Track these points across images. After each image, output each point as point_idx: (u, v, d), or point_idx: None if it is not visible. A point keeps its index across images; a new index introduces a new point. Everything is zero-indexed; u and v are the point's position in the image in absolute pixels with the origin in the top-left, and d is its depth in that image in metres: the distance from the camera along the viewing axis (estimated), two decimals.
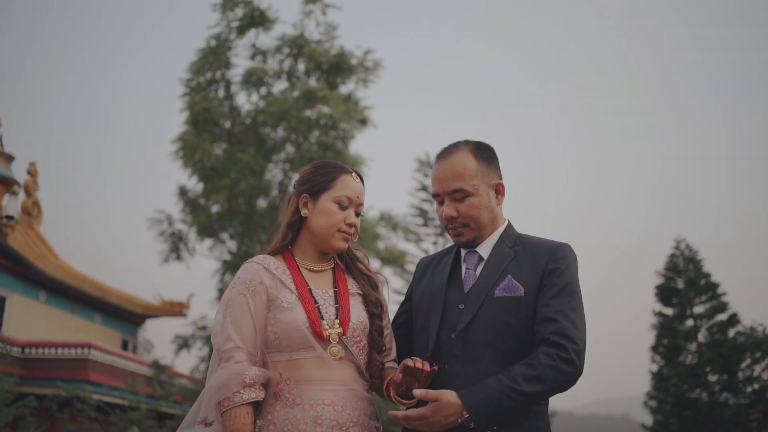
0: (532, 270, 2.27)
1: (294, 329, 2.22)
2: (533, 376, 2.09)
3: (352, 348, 2.27)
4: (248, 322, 2.23)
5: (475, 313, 2.24)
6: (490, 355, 2.20)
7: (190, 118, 16.76)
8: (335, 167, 2.42)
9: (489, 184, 2.35)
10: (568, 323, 2.15)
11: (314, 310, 2.26)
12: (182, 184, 17.59)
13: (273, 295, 2.27)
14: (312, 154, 16.71)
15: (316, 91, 16.22)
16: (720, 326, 20.14)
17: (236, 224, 17.60)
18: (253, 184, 16.27)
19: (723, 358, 19.33)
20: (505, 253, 2.33)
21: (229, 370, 2.16)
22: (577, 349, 2.12)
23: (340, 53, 17.45)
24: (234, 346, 2.20)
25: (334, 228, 2.34)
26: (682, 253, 21.46)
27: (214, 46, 17.31)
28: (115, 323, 18.37)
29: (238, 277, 2.31)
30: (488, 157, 2.39)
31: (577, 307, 2.20)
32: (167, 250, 17.68)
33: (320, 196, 2.36)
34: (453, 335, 2.25)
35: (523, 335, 2.21)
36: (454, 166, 2.34)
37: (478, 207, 2.32)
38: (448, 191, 2.33)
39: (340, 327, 2.26)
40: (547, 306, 2.19)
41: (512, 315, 2.22)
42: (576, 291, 2.24)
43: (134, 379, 13.27)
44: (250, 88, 17.53)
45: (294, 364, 2.22)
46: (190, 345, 17.39)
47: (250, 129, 17.00)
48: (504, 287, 2.26)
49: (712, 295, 20.54)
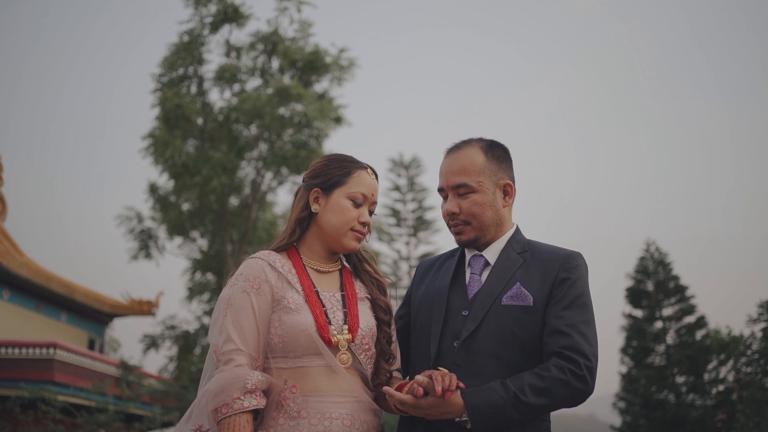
0: (541, 278, 2.16)
1: (301, 333, 2.05)
2: (542, 388, 1.99)
3: (360, 356, 2.12)
4: (251, 323, 2.05)
5: (480, 320, 2.12)
6: (494, 366, 2.08)
7: (161, 114, 16.51)
8: (351, 161, 2.26)
9: (496, 183, 2.23)
10: (581, 338, 2.05)
11: (322, 313, 2.10)
12: (153, 181, 17.32)
13: (278, 295, 2.10)
14: (285, 152, 16.61)
15: (290, 89, 16.10)
16: (688, 328, 20.41)
17: (207, 222, 17.39)
18: (225, 182, 16.09)
19: (690, 360, 19.59)
20: (513, 259, 2.21)
21: (229, 373, 1.99)
22: (589, 366, 2.02)
23: (315, 51, 17.33)
24: (234, 348, 2.03)
25: (347, 226, 2.18)
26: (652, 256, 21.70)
27: (186, 41, 17.09)
28: (81, 322, 18.05)
29: (241, 273, 2.13)
30: (500, 156, 2.27)
31: (590, 321, 2.10)
32: (136, 248, 17.37)
33: (333, 191, 2.20)
34: (456, 343, 2.13)
35: (529, 347, 2.11)
36: (460, 161, 2.23)
37: (482, 205, 2.20)
38: (452, 185, 2.22)
39: (349, 333, 2.11)
40: (559, 318, 2.09)
41: (519, 325, 2.11)
42: (588, 303, 2.14)
43: (101, 379, 13.02)
44: (223, 85, 17.35)
45: (298, 372, 2.05)
46: (159, 345, 17.11)
47: (222, 126, 16.82)
48: (512, 295, 2.14)
49: (681, 297, 20.81)
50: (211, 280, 17.84)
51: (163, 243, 17.54)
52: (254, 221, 17.36)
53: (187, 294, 17.66)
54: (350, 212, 2.19)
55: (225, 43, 17.54)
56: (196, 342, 16.94)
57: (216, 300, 17.49)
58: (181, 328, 17.01)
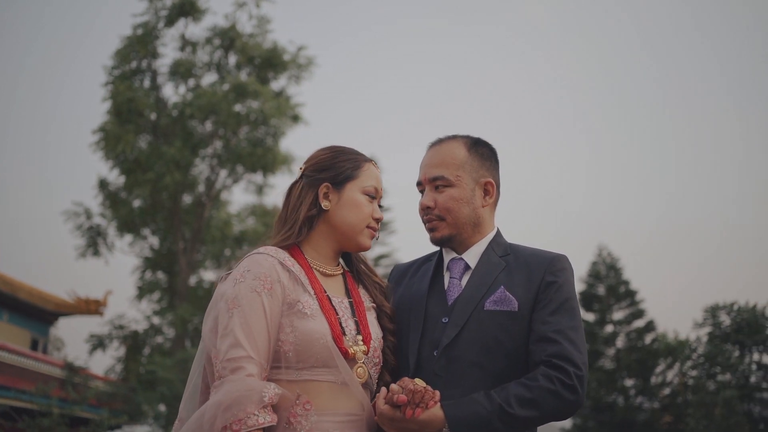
0: (526, 282, 2.05)
1: (316, 342, 1.84)
2: (529, 399, 1.88)
3: (371, 370, 1.95)
4: (262, 328, 1.82)
5: (461, 327, 2.00)
6: (477, 375, 1.97)
7: (113, 108, 16.20)
8: (357, 153, 2.10)
9: (477, 180, 2.13)
10: (570, 345, 1.95)
11: (336, 322, 1.90)
12: (103, 177, 16.96)
13: (291, 298, 1.88)
14: (241, 150, 16.49)
15: (246, 86, 16.02)
16: (638, 332, 20.78)
17: (159, 220, 17.14)
18: (178, 178, 15.87)
19: (639, 364, 19.97)
20: (495, 263, 2.10)
21: (242, 384, 1.74)
22: (579, 375, 1.92)
23: (273, 48, 17.22)
24: (245, 355, 1.78)
25: (364, 223, 2.02)
26: (604, 261, 22.03)
27: (140, 34, 16.79)
28: (24, 321, 17.52)
29: (248, 269, 1.89)
30: (484, 154, 2.17)
31: (578, 327, 2.01)
32: (84, 245, 17.01)
33: (345, 185, 2.03)
34: (435, 352, 2.00)
35: (514, 354, 2.00)
36: (441, 154, 2.14)
37: (458, 200, 2.09)
38: (429, 178, 2.12)
39: (364, 344, 1.93)
40: (545, 324, 1.98)
41: (504, 331, 2.00)
42: (575, 308, 2.04)
43: (45, 382, 12.58)
44: (177, 80, 17.10)
45: (305, 386, 1.84)
46: (106, 345, 16.70)
47: (176, 122, 16.59)
48: (496, 300, 2.03)
49: (631, 301, 21.18)
50: (162, 279, 17.53)
51: (113, 240, 17.24)
52: (208, 220, 17.14)
53: (137, 293, 17.34)
54: (366, 207, 2.03)
55: (180, 37, 17.28)
56: (146, 342, 16.63)
57: (166, 299, 17.29)
58: (129, 327, 16.69)
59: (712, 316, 19.36)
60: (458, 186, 2.10)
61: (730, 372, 18.40)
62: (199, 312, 16.46)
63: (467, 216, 2.11)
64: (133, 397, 13.65)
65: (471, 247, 2.14)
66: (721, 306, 19.18)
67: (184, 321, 15.67)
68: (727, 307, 19.10)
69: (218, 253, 17.46)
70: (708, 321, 19.10)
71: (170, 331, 16.78)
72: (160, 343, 16.77)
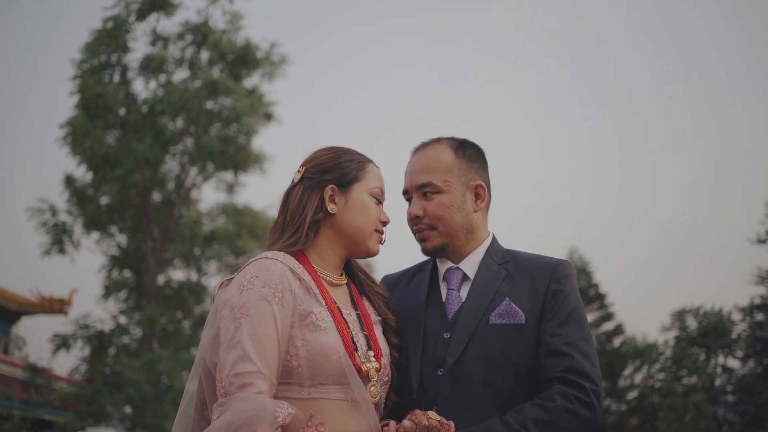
0: (530, 292, 1.94)
1: (329, 358, 1.70)
2: (547, 421, 1.77)
3: (381, 389, 1.82)
4: (272, 340, 1.67)
5: (466, 343, 1.88)
6: (486, 395, 1.85)
7: (80, 103, 15.95)
8: (359, 153, 1.96)
9: (467, 185, 2.01)
10: (583, 358, 1.85)
11: (349, 336, 1.76)
12: (69, 173, 16.67)
13: (302, 309, 1.74)
14: (212, 147, 16.33)
15: (219, 83, 15.91)
16: (607, 335, 20.97)
17: (127, 218, 16.92)
18: (147, 176, 15.66)
19: (608, 366, 20.14)
20: (495, 272, 1.98)
21: (253, 404, 1.59)
22: (596, 390, 1.82)
23: (246, 45, 17.07)
24: (255, 371, 1.63)
25: (373, 226, 1.89)
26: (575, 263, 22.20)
27: (111, 28, 16.53)
28: None
29: (257, 275, 1.73)
30: (471, 156, 2.05)
31: (588, 338, 1.91)
32: (49, 243, 16.72)
33: (351, 187, 1.89)
34: (440, 371, 1.88)
35: (522, 370, 1.88)
36: (426, 159, 2.01)
37: (449, 207, 1.97)
38: (416, 185, 1.99)
39: (376, 361, 1.80)
40: (555, 336, 1.88)
41: (511, 345, 1.88)
42: (583, 317, 1.94)
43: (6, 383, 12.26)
44: (148, 75, 16.90)
45: (314, 405, 1.70)
46: (71, 345, 16.37)
47: (146, 118, 16.40)
48: (501, 312, 1.91)
49: (601, 305, 21.36)
50: (130, 278, 17.25)
51: (79, 238, 16.96)
52: (177, 218, 16.91)
53: (103, 292, 17.05)
54: (374, 210, 1.90)
55: (152, 31, 17.05)
56: (111, 342, 16.35)
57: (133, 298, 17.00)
58: (95, 327, 16.43)
59: (679, 320, 19.67)
60: (448, 192, 1.98)
61: (696, 375, 18.70)
62: (167, 312, 16.21)
63: (459, 223, 1.99)
64: (98, 399, 13.39)
65: (467, 255, 2.02)
66: (688, 310, 19.51)
67: (151, 321, 15.43)
68: (693, 311, 19.44)
69: (188, 252, 17.24)
70: (675, 324, 19.39)
71: (137, 332, 16.53)
72: (126, 343, 16.52)
